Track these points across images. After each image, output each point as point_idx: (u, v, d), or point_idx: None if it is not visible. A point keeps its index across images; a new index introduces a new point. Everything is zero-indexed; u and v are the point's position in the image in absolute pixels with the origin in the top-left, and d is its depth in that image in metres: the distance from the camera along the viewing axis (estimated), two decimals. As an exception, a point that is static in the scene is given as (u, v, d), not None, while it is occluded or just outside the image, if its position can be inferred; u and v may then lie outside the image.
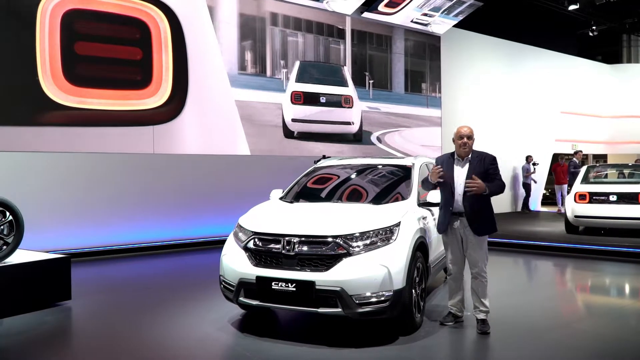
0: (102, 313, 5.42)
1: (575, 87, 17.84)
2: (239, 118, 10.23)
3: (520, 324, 4.90)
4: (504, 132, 15.46)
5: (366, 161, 6.15)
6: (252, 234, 4.58)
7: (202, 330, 4.75)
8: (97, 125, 8.57)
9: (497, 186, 4.61)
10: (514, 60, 16.08)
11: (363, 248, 4.29)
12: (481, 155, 4.71)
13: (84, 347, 4.52)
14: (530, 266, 8.31)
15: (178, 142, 9.50)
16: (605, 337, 4.63)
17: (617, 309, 5.71)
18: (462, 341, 4.52)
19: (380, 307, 4.18)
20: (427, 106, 13.71)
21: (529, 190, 15.73)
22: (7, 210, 5.33)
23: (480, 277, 4.66)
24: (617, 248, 8.52)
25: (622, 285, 7.00)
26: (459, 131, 4.70)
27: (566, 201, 10.39)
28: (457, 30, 14.51)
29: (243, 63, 10.38)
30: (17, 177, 8.03)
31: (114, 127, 8.74)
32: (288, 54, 11.01)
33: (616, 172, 11.83)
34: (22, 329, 4.83)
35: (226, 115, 10.12)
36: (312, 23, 11.39)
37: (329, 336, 4.55)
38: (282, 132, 10.83)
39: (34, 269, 5.43)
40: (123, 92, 8.81)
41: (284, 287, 4.23)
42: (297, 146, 11.05)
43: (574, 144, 17.74)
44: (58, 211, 8.45)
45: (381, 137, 12.45)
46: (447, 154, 4.90)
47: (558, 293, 6.64)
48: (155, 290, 6.43)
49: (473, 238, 4.62)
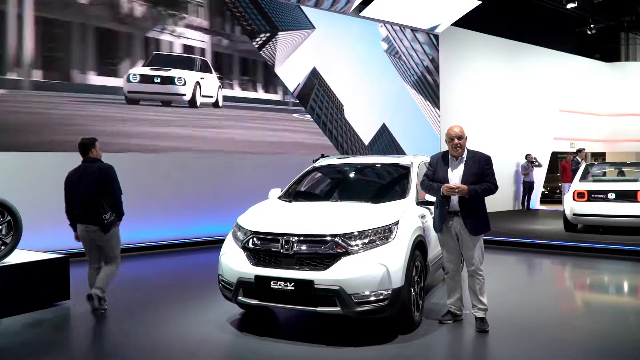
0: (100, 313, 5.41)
1: (573, 85, 17.85)
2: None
3: (519, 321, 4.91)
4: (503, 130, 15.47)
5: (364, 160, 6.15)
6: (251, 233, 4.58)
7: (201, 329, 4.75)
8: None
9: (485, 189, 4.58)
10: (513, 59, 16.08)
11: (362, 247, 4.29)
12: (476, 156, 4.71)
13: (83, 347, 4.52)
14: (529, 264, 8.32)
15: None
16: (604, 334, 4.64)
17: (615, 306, 5.71)
18: (461, 339, 4.52)
19: (379, 306, 4.18)
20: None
21: (527, 189, 15.74)
22: (6, 211, 5.34)
23: (477, 275, 4.67)
24: (616, 246, 8.53)
25: (621, 282, 7.01)
26: (449, 133, 4.70)
27: (564, 199, 10.39)
28: (455, 29, 14.52)
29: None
30: (16, 177, 8.03)
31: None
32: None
33: (615, 170, 11.85)
34: (21, 329, 4.83)
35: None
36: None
37: (328, 335, 4.55)
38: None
39: (32, 268, 5.44)
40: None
41: (282, 286, 4.23)
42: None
43: (573, 142, 17.76)
44: (57, 211, 8.41)
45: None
46: (440, 153, 4.90)
47: (556, 291, 6.65)
48: (154, 290, 6.43)
49: (468, 237, 4.63)
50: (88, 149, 5.28)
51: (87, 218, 5.13)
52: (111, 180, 5.15)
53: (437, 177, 4.76)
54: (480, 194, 4.58)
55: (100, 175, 5.12)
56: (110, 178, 5.15)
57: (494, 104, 15.50)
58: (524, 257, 8.68)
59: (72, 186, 5.24)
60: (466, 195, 4.52)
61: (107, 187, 5.12)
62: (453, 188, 4.52)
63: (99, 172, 5.13)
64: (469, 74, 15.03)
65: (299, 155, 11.27)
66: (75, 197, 5.20)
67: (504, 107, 15.74)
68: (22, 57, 8.36)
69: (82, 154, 5.31)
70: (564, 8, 16.23)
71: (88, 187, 5.10)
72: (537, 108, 16.52)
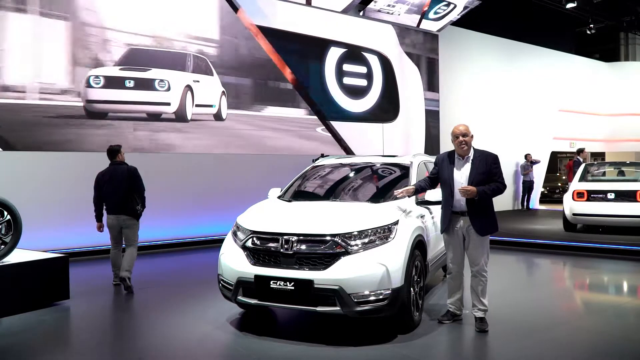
0: (100, 312, 5.42)
1: (573, 85, 17.85)
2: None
3: (518, 321, 4.91)
4: (502, 130, 15.47)
5: (364, 160, 6.15)
6: (251, 232, 4.58)
7: (200, 329, 4.75)
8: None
9: (494, 190, 4.57)
10: (512, 58, 16.09)
11: (361, 246, 4.29)
12: (483, 155, 4.68)
13: (83, 346, 4.51)
14: (528, 264, 8.32)
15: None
16: (604, 334, 4.64)
17: (615, 306, 5.72)
18: (461, 339, 4.52)
19: (378, 306, 4.18)
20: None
21: (526, 189, 15.74)
22: (5, 210, 5.33)
23: (480, 276, 4.66)
24: (615, 246, 8.54)
25: (620, 282, 7.02)
26: (454, 131, 4.69)
27: (564, 199, 10.40)
28: (454, 29, 14.52)
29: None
30: (16, 177, 8.02)
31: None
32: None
33: (614, 170, 11.85)
34: (21, 329, 4.82)
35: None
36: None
37: (327, 335, 4.55)
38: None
39: (32, 268, 5.43)
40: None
41: (282, 285, 4.23)
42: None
43: (572, 142, 17.77)
44: (56, 210, 8.44)
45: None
46: (446, 153, 4.88)
47: (556, 291, 6.65)
48: (154, 290, 6.43)
49: (475, 237, 4.61)
50: (115, 154, 6.35)
51: (120, 210, 6.19)
52: (138, 179, 6.27)
53: (441, 177, 4.75)
54: (489, 195, 4.57)
55: (129, 175, 6.21)
56: (138, 178, 6.26)
57: (493, 104, 15.50)
58: (524, 257, 8.68)
59: (103, 184, 6.24)
60: (475, 197, 4.50)
61: (135, 185, 6.22)
62: (467, 189, 4.47)
63: (128, 173, 6.22)
64: (468, 73, 15.03)
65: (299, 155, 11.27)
66: (106, 194, 6.22)
67: (504, 107, 15.75)
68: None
69: (110, 158, 6.34)
70: (564, 8, 16.24)
71: (120, 185, 6.15)
72: (536, 108, 16.53)
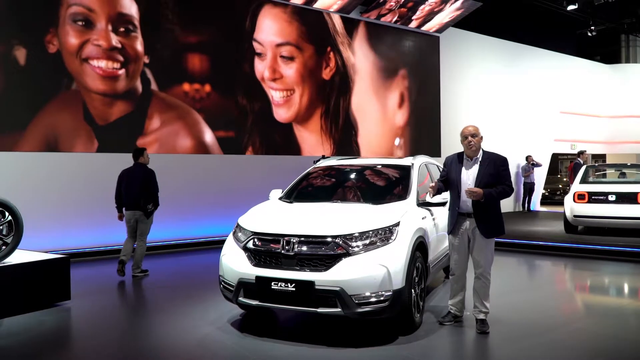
0: (101, 313, 5.42)
1: (574, 87, 17.86)
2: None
3: (519, 323, 4.91)
4: (503, 132, 15.47)
5: (365, 161, 6.15)
6: (252, 234, 4.58)
7: (201, 330, 4.76)
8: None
9: (501, 192, 4.56)
10: (513, 61, 16.09)
11: (362, 248, 4.29)
12: (492, 157, 4.68)
13: (83, 347, 4.52)
14: (529, 266, 8.31)
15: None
16: (605, 336, 4.64)
17: (616, 308, 5.71)
18: (462, 341, 4.52)
19: (379, 307, 4.18)
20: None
21: (527, 190, 15.73)
22: (7, 211, 5.33)
23: (484, 279, 4.65)
24: (616, 248, 8.53)
25: (621, 284, 7.01)
26: (463, 131, 4.69)
27: (565, 201, 10.40)
28: (456, 31, 14.53)
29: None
30: (16, 177, 8.03)
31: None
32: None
33: (615, 172, 11.84)
34: (22, 329, 4.83)
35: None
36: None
37: (328, 336, 4.55)
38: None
39: (33, 269, 5.44)
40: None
41: (283, 287, 4.23)
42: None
43: (573, 143, 17.76)
44: (57, 211, 8.45)
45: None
46: (455, 154, 4.87)
47: (557, 292, 6.65)
48: (155, 290, 6.44)
49: (481, 239, 4.61)
50: (139, 155, 7.00)
51: (134, 206, 6.83)
52: (153, 181, 6.86)
53: (450, 177, 4.75)
54: (496, 197, 4.56)
55: (145, 177, 6.82)
56: (152, 180, 6.86)
57: (494, 106, 15.50)
58: (525, 258, 8.67)
59: (123, 181, 6.93)
60: (481, 199, 4.50)
61: (149, 186, 6.82)
62: (473, 191, 4.48)
63: (144, 175, 6.83)
64: (469, 75, 15.04)
65: (299, 156, 11.28)
66: (124, 190, 6.89)
67: (505, 109, 15.75)
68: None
69: (134, 159, 6.99)
70: (565, 10, 16.24)
71: (135, 184, 6.80)
72: (537, 110, 16.53)
